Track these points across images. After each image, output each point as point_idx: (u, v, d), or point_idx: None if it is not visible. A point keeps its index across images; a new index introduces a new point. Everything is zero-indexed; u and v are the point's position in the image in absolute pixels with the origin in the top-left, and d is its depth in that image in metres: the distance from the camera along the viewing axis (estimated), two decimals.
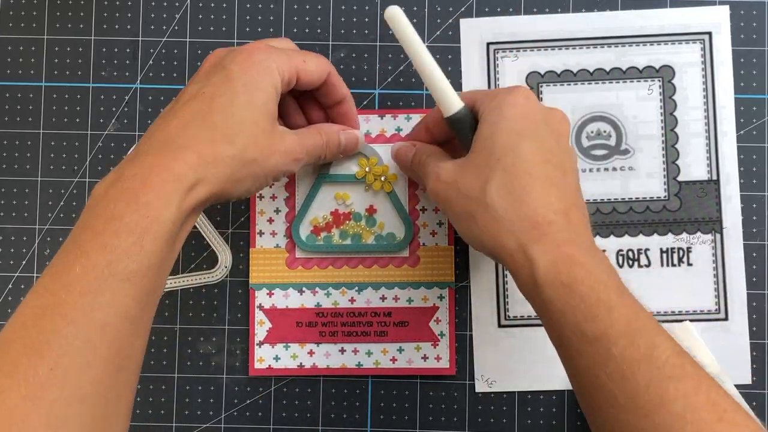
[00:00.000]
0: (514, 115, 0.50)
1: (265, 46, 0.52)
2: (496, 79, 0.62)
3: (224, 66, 0.51)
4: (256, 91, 0.50)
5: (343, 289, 0.62)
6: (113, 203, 0.45)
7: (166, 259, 0.46)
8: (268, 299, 0.62)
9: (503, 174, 0.48)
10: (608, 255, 0.62)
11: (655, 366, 0.43)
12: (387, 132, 0.62)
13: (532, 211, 0.47)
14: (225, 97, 0.49)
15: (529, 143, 0.49)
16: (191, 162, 0.47)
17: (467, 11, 0.63)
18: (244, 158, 0.49)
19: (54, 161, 0.63)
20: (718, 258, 0.62)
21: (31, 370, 0.40)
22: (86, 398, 0.41)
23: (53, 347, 0.41)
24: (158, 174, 0.46)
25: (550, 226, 0.47)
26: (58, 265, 0.43)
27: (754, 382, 0.61)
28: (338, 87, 0.57)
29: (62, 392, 0.40)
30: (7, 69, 0.63)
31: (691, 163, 0.62)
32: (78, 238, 0.44)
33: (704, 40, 0.62)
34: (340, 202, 0.62)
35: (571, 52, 0.62)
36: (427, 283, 0.62)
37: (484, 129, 0.50)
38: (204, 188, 0.47)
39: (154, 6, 0.63)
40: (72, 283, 0.42)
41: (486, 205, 0.48)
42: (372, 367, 0.62)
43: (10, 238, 0.63)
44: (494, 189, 0.48)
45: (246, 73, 0.50)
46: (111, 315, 0.43)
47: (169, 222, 0.45)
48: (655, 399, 0.42)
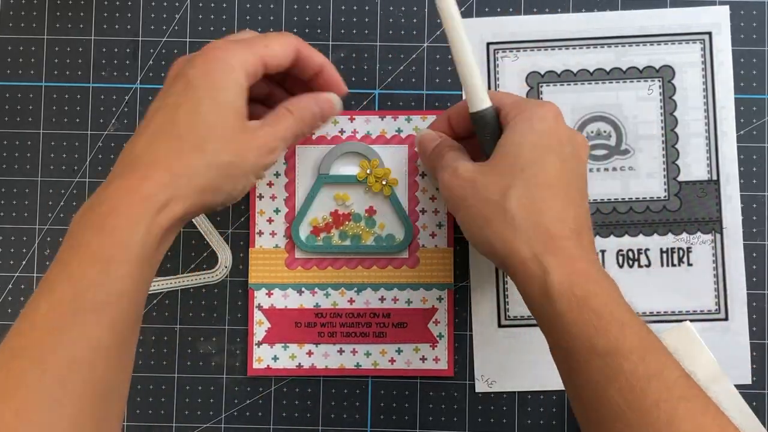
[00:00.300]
0: (544, 130, 0.50)
1: (223, 43, 0.51)
2: (497, 80, 0.62)
3: (184, 74, 0.49)
4: (219, 91, 0.49)
5: (342, 290, 0.62)
6: (81, 231, 0.44)
7: (140, 282, 0.45)
8: (267, 299, 0.62)
9: (526, 184, 0.48)
10: (608, 255, 0.62)
11: (665, 384, 0.43)
12: (387, 133, 0.62)
13: (551, 223, 0.48)
14: (188, 105, 0.48)
15: (554, 160, 0.49)
16: (161, 180, 0.46)
17: (467, 11, 0.63)
18: (219, 163, 0.48)
19: (54, 161, 0.63)
20: (718, 258, 0.62)
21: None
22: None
23: (20, 390, 0.40)
24: (125, 196, 0.45)
25: (565, 241, 0.47)
26: (30, 304, 0.43)
27: (754, 382, 0.61)
28: (311, 58, 0.54)
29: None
30: (7, 69, 0.63)
31: (691, 163, 0.62)
32: (49, 273, 0.43)
33: (704, 40, 0.62)
34: (339, 203, 0.62)
35: (571, 52, 0.62)
36: (426, 285, 0.62)
37: (511, 137, 0.50)
38: (178, 205, 0.46)
39: (154, 6, 0.63)
40: (40, 322, 0.42)
41: (504, 211, 0.48)
42: (370, 368, 0.62)
43: (10, 238, 0.63)
44: (515, 197, 0.48)
45: (206, 76, 0.49)
46: (82, 349, 0.42)
47: (137, 246, 0.44)
48: (664, 417, 0.42)
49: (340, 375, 0.62)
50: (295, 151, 0.62)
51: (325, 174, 0.61)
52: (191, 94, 0.48)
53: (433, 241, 0.62)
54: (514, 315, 0.62)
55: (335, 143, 0.62)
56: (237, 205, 0.62)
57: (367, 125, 0.62)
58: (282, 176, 0.62)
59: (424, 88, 0.63)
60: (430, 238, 0.62)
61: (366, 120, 0.62)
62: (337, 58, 0.63)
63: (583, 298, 0.45)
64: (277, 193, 0.62)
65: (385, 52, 0.63)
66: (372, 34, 0.63)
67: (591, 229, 0.50)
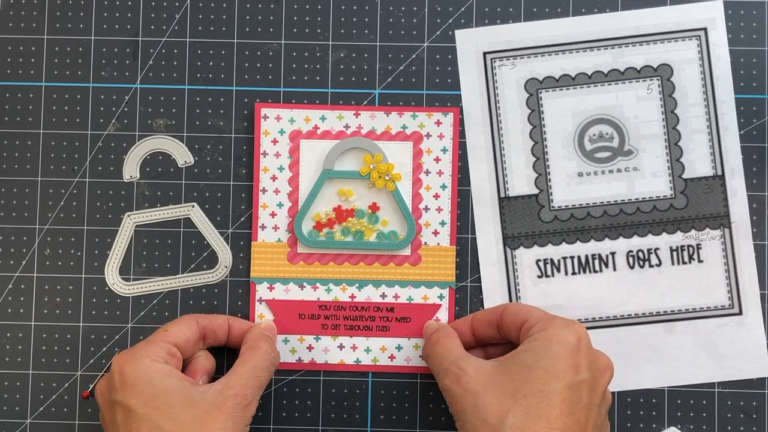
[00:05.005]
0: (560, 355, 0.50)
1: (125, 354, 0.53)
2: (495, 89, 0.62)
3: (116, 402, 0.52)
4: (157, 398, 0.51)
5: (344, 286, 0.62)
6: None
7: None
8: (268, 293, 0.62)
9: (526, 412, 0.48)
10: (619, 257, 0.62)
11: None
12: (392, 129, 0.62)
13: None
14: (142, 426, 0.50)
15: (561, 389, 0.49)
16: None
17: (466, 21, 0.63)
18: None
19: (54, 161, 0.63)
20: (728, 253, 0.62)
21: None
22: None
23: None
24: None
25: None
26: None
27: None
28: (212, 320, 0.59)
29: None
30: (7, 69, 0.63)
31: (695, 160, 0.62)
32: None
33: (700, 36, 0.62)
34: (343, 199, 0.62)
35: (569, 57, 0.62)
36: (427, 282, 0.62)
37: (524, 356, 0.51)
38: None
39: (154, 6, 0.63)
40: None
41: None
42: (370, 364, 0.62)
43: (10, 238, 0.63)
44: (510, 425, 0.48)
45: (137, 395, 0.51)
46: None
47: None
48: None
49: (339, 371, 0.62)
50: (300, 146, 0.62)
51: (329, 169, 0.61)
52: (134, 418, 0.51)
53: (435, 239, 0.62)
54: None
55: (340, 138, 0.62)
56: (237, 204, 0.62)
57: (372, 121, 0.62)
58: (286, 170, 0.62)
59: (424, 88, 0.63)
60: (433, 236, 0.62)
61: (371, 116, 0.62)
62: (337, 58, 0.63)
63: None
64: (281, 187, 0.62)
65: (385, 52, 0.63)
66: (372, 34, 0.63)
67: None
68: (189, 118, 0.63)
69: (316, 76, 0.63)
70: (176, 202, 0.63)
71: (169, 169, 0.63)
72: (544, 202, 0.62)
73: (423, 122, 0.62)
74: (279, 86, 0.63)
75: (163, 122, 0.63)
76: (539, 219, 0.62)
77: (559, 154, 0.62)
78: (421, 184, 0.62)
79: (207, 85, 0.63)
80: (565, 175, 0.62)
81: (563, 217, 0.62)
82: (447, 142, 0.62)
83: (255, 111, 0.62)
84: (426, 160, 0.62)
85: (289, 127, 0.62)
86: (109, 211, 0.63)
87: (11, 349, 0.62)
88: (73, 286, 0.62)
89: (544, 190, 0.62)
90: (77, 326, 0.62)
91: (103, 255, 0.62)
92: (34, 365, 0.62)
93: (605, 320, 0.61)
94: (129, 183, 0.63)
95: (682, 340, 0.61)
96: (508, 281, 0.62)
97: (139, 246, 0.63)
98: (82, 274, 0.62)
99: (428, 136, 0.62)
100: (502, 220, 0.62)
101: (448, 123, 0.62)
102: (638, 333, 0.61)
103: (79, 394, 0.62)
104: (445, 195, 0.62)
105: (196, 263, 0.63)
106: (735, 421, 0.61)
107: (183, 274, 0.62)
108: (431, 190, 0.62)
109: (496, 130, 0.62)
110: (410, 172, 0.62)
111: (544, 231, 0.62)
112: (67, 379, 0.62)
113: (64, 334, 0.62)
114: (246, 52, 0.63)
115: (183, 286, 0.62)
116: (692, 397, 0.61)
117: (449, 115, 0.62)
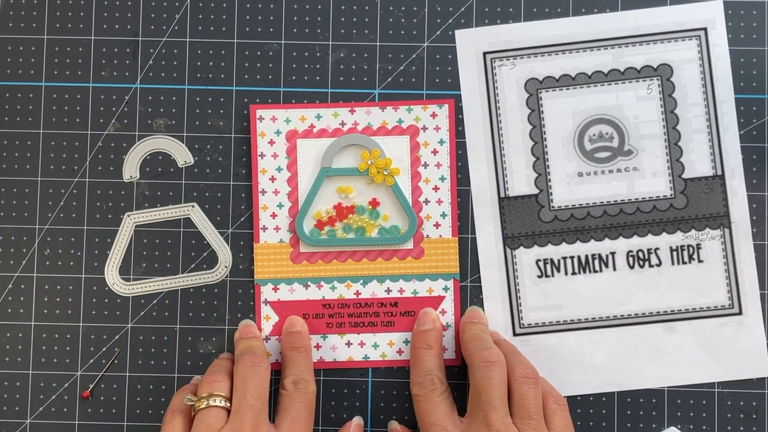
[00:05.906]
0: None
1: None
2: (495, 90, 0.62)
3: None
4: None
5: (348, 283, 0.62)
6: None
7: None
8: (273, 294, 0.62)
9: None
10: (619, 257, 0.62)
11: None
12: (389, 124, 0.62)
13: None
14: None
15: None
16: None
17: (466, 21, 0.63)
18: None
19: (54, 161, 0.63)
20: (728, 253, 0.62)
21: None
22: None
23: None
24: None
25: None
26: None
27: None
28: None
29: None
30: (7, 69, 0.63)
31: (695, 160, 0.62)
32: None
33: (700, 36, 0.62)
34: (342, 196, 0.62)
35: (569, 56, 0.62)
36: (431, 275, 0.62)
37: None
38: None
39: (154, 6, 0.63)
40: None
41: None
42: (379, 359, 0.62)
43: (10, 238, 0.63)
44: None
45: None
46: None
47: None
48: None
49: (349, 368, 0.62)
50: (297, 145, 0.62)
51: (327, 167, 0.61)
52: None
53: (437, 231, 0.62)
54: (528, 323, 0.62)
55: (336, 136, 0.62)
56: (237, 204, 0.62)
57: (368, 117, 0.62)
58: (284, 170, 0.62)
59: (424, 87, 0.63)
60: (435, 229, 0.62)
61: (367, 111, 0.62)
62: (337, 58, 0.63)
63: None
64: (280, 187, 0.62)
65: (385, 52, 0.63)
66: (372, 34, 0.63)
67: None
68: (189, 118, 0.63)
69: (316, 76, 0.63)
70: (176, 202, 0.63)
71: (169, 169, 0.63)
72: (544, 202, 0.62)
73: (419, 115, 0.62)
74: (279, 86, 0.63)
75: (163, 122, 0.63)
76: (539, 219, 0.62)
77: (559, 154, 0.62)
78: (420, 177, 0.62)
79: (207, 85, 0.63)
80: (565, 175, 0.62)
81: (563, 217, 0.62)
82: (444, 134, 0.62)
83: (250, 113, 0.62)
84: (423, 153, 0.62)
85: (285, 128, 0.62)
86: (109, 211, 0.63)
87: (11, 349, 0.62)
88: (73, 286, 0.62)
89: (544, 190, 0.62)
90: (77, 326, 0.62)
91: (103, 255, 0.63)
92: (34, 365, 0.62)
93: (605, 320, 0.61)
94: (129, 183, 0.63)
95: (682, 340, 0.61)
96: (508, 281, 0.62)
97: (139, 246, 0.63)
98: (82, 274, 0.62)
99: (425, 129, 0.62)
100: (502, 220, 0.62)
101: (444, 115, 0.62)
102: (638, 333, 0.61)
103: (79, 394, 0.62)
104: (444, 187, 0.62)
105: (196, 263, 0.63)
106: (735, 421, 0.61)
107: (183, 274, 0.62)
108: (430, 183, 0.62)
109: (496, 130, 0.62)
110: (408, 166, 0.62)
111: (544, 231, 0.62)
112: (67, 379, 0.62)
113: (64, 334, 0.62)
114: (246, 52, 0.63)
115: (183, 286, 0.62)
116: (692, 397, 0.61)
117: (444, 107, 0.62)
